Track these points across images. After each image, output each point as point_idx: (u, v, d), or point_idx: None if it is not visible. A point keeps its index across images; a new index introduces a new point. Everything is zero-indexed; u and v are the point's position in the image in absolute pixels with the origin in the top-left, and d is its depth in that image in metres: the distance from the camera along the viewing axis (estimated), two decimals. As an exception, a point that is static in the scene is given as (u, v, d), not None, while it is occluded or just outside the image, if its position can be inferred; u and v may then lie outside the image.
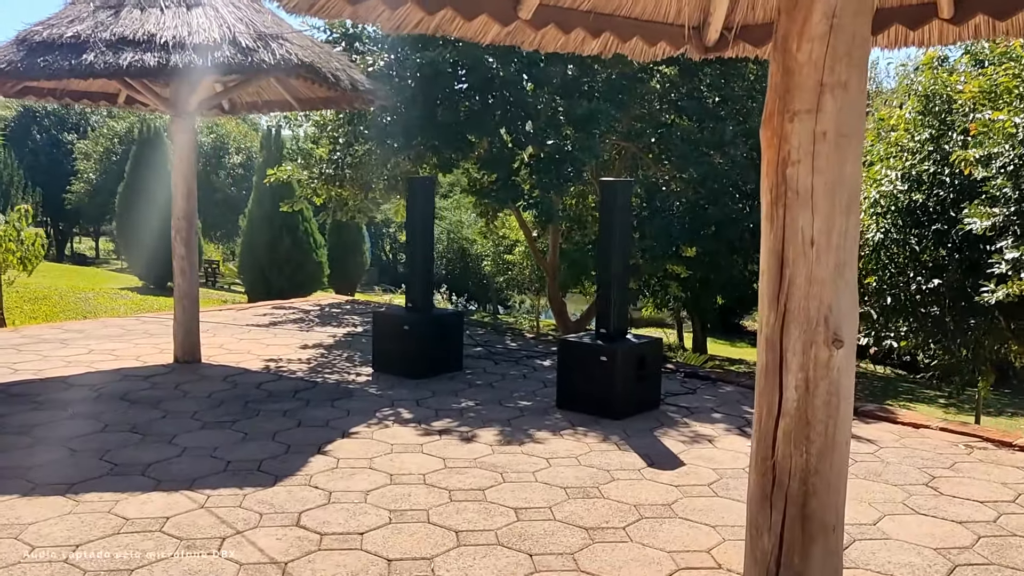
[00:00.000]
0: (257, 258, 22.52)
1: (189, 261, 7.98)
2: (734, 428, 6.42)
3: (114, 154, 35.76)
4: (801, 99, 2.60)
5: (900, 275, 11.21)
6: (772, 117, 2.67)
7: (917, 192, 10.76)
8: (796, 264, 2.62)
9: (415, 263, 7.90)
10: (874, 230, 10.77)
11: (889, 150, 11.34)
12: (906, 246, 10.86)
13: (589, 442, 5.97)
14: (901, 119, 11.01)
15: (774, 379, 2.69)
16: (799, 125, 2.61)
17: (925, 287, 11.61)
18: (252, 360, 8.28)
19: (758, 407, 2.79)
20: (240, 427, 6.06)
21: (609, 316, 6.75)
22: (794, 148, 2.62)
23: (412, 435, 6.02)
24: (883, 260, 10.97)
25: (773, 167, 2.67)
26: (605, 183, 6.72)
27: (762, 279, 2.74)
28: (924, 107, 10.96)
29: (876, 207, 10.99)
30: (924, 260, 11.34)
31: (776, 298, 2.67)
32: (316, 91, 8.86)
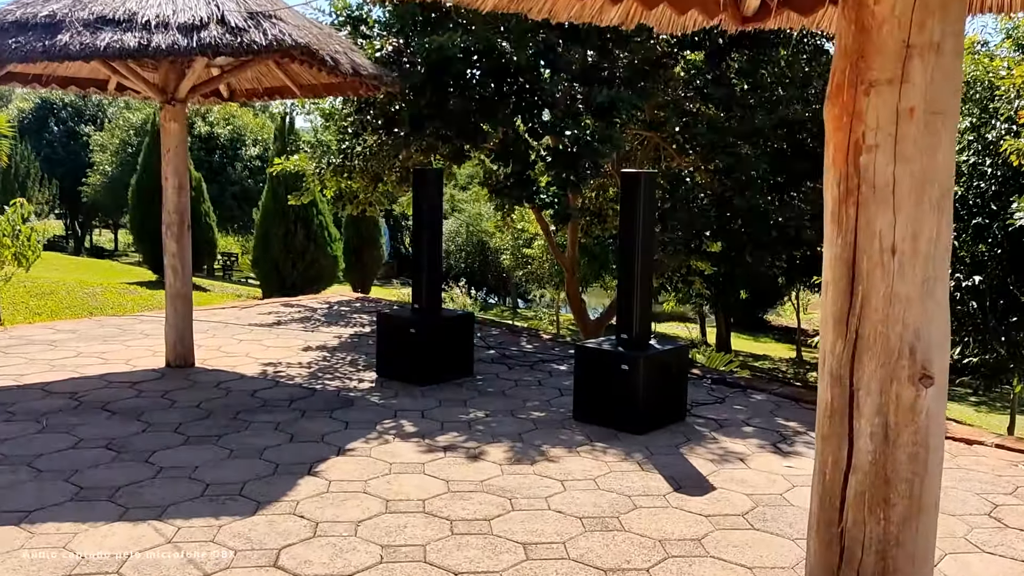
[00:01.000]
0: (271, 252, 22.08)
1: (181, 259, 7.47)
2: (768, 444, 5.83)
3: (130, 146, 35.48)
4: (881, 65, 2.02)
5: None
6: (841, 90, 2.09)
7: (956, 184, 10.10)
8: (872, 278, 2.05)
9: (422, 261, 7.35)
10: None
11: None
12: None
13: (608, 461, 5.40)
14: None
15: (842, 424, 2.12)
16: (877, 99, 2.03)
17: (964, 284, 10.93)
18: (249, 364, 7.78)
19: (821, 457, 2.21)
20: (226, 442, 5.54)
21: (631, 321, 6.17)
22: (871, 129, 2.04)
23: (413, 452, 5.48)
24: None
25: (842, 154, 2.09)
26: (626, 175, 6.14)
27: (825, 295, 2.16)
28: (964, 94, 10.28)
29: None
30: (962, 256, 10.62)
31: (845, 320, 2.10)
32: (318, 77, 8.32)
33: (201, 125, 36.60)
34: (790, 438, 5.99)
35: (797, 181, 9.76)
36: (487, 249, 37.35)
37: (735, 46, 10.22)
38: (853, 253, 2.06)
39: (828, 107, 2.12)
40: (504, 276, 36.45)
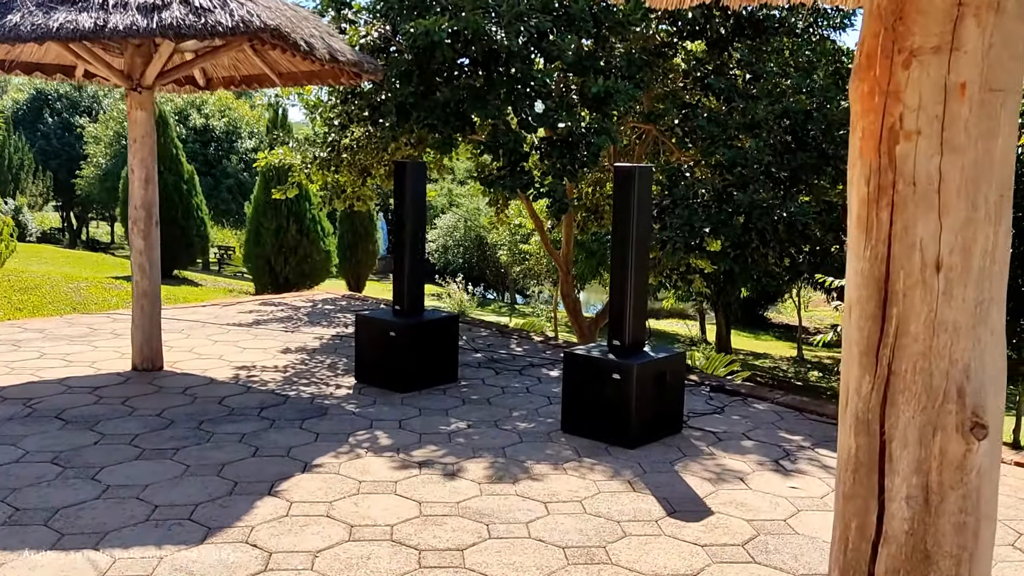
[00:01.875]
0: (263, 247, 21.64)
1: (149, 257, 7.04)
2: (768, 461, 5.40)
3: (124, 138, 34.97)
4: (924, 29, 1.58)
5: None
6: (872, 61, 1.66)
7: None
8: (910, 300, 1.62)
9: (403, 259, 6.92)
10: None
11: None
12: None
13: (597, 479, 4.97)
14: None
15: (869, 482, 1.69)
16: (920, 73, 1.59)
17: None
18: (222, 368, 7.35)
19: (842, 520, 1.78)
20: (184, 456, 5.12)
21: (623, 326, 5.74)
22: (910, 111, 1.60)
23: (386, 468, 5.05)
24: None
25: (873, 142, 1.66)
26: (620, 169, 5.70)
27: (848, 319, 1.73)
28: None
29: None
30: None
31: (874, 352, 1.67)
32: (297, 64, 7.89)
33: (196, 117, 36.13)
34: (793, 454, 5.56)
35: (801, 174, 9.31)
36: (485, 244, 36.93)
37: (737, 35, 9.77)
38: (886, 268, 1.63)
39: (855, 83, 1.69)
40: (502, 272, 36.05)
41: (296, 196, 21.69)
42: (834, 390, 20.63)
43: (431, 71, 8.40)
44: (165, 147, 24.48)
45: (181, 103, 35.98)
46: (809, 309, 32.39)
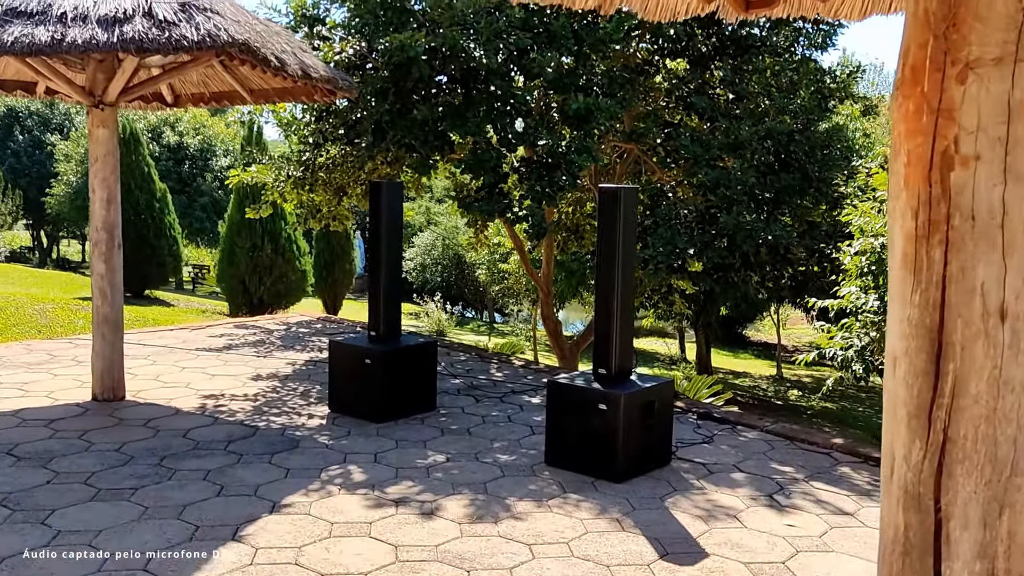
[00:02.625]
0: (237, 266, 21.24)
1: (111, 281, 6.71)
2: (762, 496, 5.16)
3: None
4: (983, 37, 1.35)
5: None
6: (919, 75, 1.42)
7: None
8: (969, 353, 1.38)
9: (379, 283, 6.64)
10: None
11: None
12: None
13: (584, 518, 4.70)
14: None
15: (922, 567, 1.44)
16: (978, 88, 1.36)
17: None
18: (188, 397, 7.02)
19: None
20: (142, 497, 4.79)
21: (610, 353, 5.49)
22: (967, 133, 1.37)
23: (360, 508, 4.76)
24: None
25: (922, 169, 1.42)
26: (604, 191, 5.47)
27: (891, 373, 1.49)
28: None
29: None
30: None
31: (926, 414, 1.42)
32: (269, 81, 7.61)
33: (170, 135, 35.68)
34: (787, 488, 5.32)
35: (785, 196, 9.14)
36: (463, 263, 36.67)
37: (718, 54, 9.62)
38: (940, 316, 1.39)
39: (898, 101, 1.46)
40: (481, 290, 35.78)
41: (271, 215, 21.44)
42: (815, 410, 20.51)
43: (408, 88, 8.17)
44: (137, 165, 24.09)
45: (154, 120, 35.54)
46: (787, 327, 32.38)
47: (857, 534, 4.60)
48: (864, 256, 9.83)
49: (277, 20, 8.77)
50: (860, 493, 5.24)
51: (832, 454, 6.05)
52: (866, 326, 10.09)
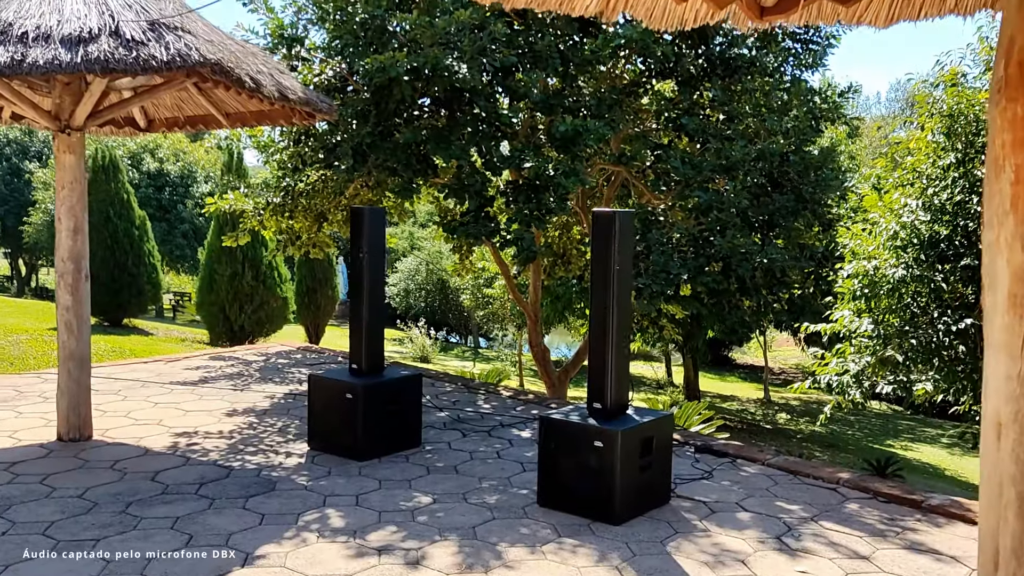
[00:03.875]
0: (217, 293, 20.84)
1: (77, 314, 6.36)
2: (770, 538, 4.85)
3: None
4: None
5: (923, 315, 9.77)
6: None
7: (940, 224, 9.35)
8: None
9: (360, 313, 6.33)
10: (893, 265, 9.34)
11: (905, 177, 9.93)
12: (930, 283, 9.42)
13: (581, 565, 4.38)
14: (922, 141, 9.60)
15: None
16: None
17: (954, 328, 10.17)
18: (160, 435, 6.65)
19: None
20: (104, 548, 4.43)
21: (605, 387, 5.19)
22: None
23: (339, 558, 4.41)
24: (905, 299, 9.53)
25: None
26: (599, 215, 5.20)
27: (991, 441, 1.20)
28: (949, 128, 9.55)
29: (896, 239, 9.55)
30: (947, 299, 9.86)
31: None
32: (245, 104, 7.33)
33: (150, 161, 35.30)
34: (795, 528, 5.02)
35: (778, 218, 8.91)
36: (447, 288, 36.35)
37: (708, 75, 9.42)
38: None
39: (1000, 105, 1.18)
40: (465, 315, 35.45)
41: (251, 242, 21.08)
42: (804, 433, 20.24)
43: (390, 110, 7.90)
44: (116, 193, 23.69)
45: (134, 147, 35.16)
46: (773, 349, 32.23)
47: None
48: (857, 279, 9.62)
49: (254, 42, 8.50)
50: (873, 534, 4.95)
51: (839, 489, 5.75)
52: (860, 350, 9.86)
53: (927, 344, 9.57)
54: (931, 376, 9.98)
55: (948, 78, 9.45)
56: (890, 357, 9.53)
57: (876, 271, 9.45)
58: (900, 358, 9.52)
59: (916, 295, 9.50)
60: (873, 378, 9.84)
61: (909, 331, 9.58)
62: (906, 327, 9.59)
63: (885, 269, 9.35)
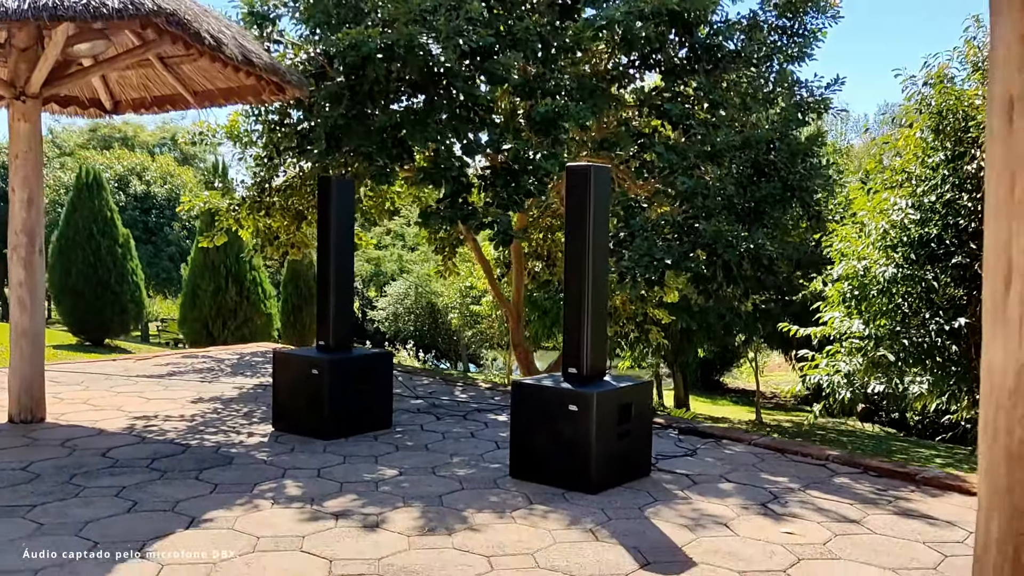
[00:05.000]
0: (200, 309, 20.56)
1: (30, 289, 6.07)
2: (754, 504, 4.56)
3: (59, 205, 33.75)
4: None
5: (915, 315, 9.56)
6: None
7: (930, 224, 9.17)
8: None
9: (328, 290, 6.06)
10: (883, 265, 9.14)
11: (894, 178, 9.77)
12: (921, 282, 9.22)
13: (552, 528, 4.08)
14: (911, 140, 9.44)
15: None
16: None
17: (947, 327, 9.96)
18: (118, 419, 6.33)
19: None
20: (39, 514, 4.11)
21: (581, 351, 4.92)
22: None
23: (292, 521, 4.11)
24: (896, 299, 9.31)
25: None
26: (573, 169, 4.96)
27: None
28: (937, 125, 9.40)
29: (886, 238, 9.36)
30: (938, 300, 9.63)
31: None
32: (214, 80, 7.13)
33: (137, 184, 35.10)
34: (781, 496, 4.73)
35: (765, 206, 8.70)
36: (436, 311, 36.05)
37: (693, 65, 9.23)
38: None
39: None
40: (454, 339, 35.13)
41: (237, 257, 20.83)
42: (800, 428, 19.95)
43: (363, 92, 7.67)
44: (100, 210, 23.44)
45: (121, 170, 35.00)
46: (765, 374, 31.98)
47: (866, 541, 4.01)
48: (847, 281, 9.40)
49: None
50: (864, 501, 4.66)
51: (828, 465, 5.47)
52: (851, 352, 9.62)
53: (919, 344, 9.34)
54: (924, 378, 9.74)
55: (936, 75, 9.32)
56: (882, 358, 9.30)
57: (867, 272, 9.24)
58: (892, 357, 9.28)
59: (907, 295, 9.30)
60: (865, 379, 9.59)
61: (901, 331, 9.36)
62: (897, 327, 9.36)
63: (875, 269, 9.15)
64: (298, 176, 9.86)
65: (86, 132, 45.04)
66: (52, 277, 24.52)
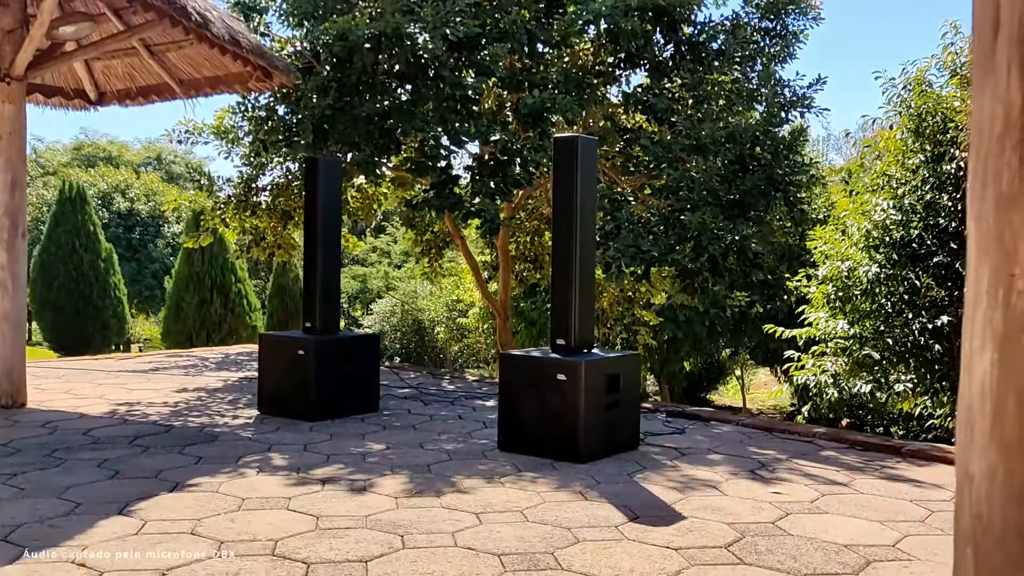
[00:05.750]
0: (184, 321, 20.42)
1: (13, 274, 6.01)
2: (743, 471, 4.55)
3: (42, 223, 33.56)
4: None
5: (898, 315, 9.59)
6: None
7: (911, 226, 9.25)
8: None
9: (314, 271, 6.03)
10: (868, 265, 9.19)
11: (876, 181, 9.85)
12: (904, 282, 9.26)
13: (541, 491, 4.05)
14: (892, 142, 9.53)
15: None
16: None
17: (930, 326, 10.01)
18: (99, 405, 6.26)
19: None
20: (21, 481, 4.05)
21: (569, 322, 4.91)
22: None
23: (278, 486, 4.06)
24: (879, 299, 9.36)
25: None
26: (561, 139, 4.98)
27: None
28: (917, 127, 9.50)
29: (868, 239, 9.42)
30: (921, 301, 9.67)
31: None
32: (201, 68, 7.13)
33: (121, 201, 34.95)
34: (770, 465, 4.72)
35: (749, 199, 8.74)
36: (423, 329, 35.94)
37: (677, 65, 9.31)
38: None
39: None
40: (441, 356, 34.98)
41: (221, 269, 20.75)
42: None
43: (351, 83, 7.69)
44: (83, 224, 23.32)
45: (105, 187, 34.86)
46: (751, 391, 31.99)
47: (853, 499, 4.00)
48: (830, 283, 9.44)
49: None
50: (851, 469, 4.66)
51: (815, 441, 5.47)
52: (835, 353, 9.65)
53: (903, 343, 9.38)
54: (908, 376, 9.77)
55: (916, 79, 9.43)
56: (867, 357, 9.33)
57: (851, 273, 9.29)
58: (877, 356, 9.32)
59: (890, 295, 9.35)
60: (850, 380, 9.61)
61: (885, 331, 9.40)
62: (881, 327, 9.40)
63: (859, 270, 9.21)
64: (284, 176, 9.85)
65: (70, 151, 44.91)
66: (33, 292, 24.32)
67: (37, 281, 23.02)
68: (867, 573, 3.01)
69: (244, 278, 21.26)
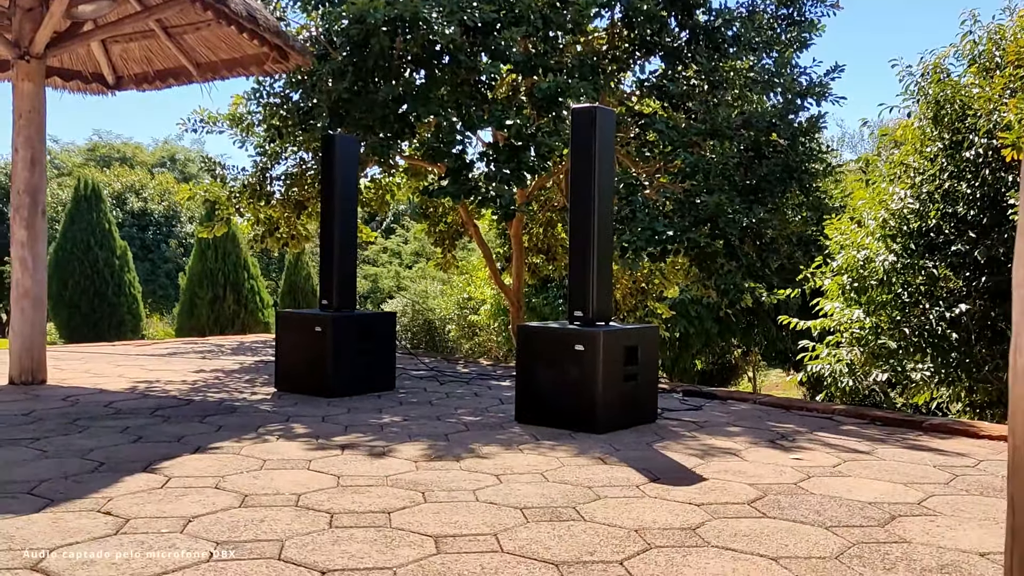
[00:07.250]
0: (197, 318, 20.50)
1: (33, 251, 6.06)
2: (763, 441, 4.53)
3: (57, 222, 33.77)
4: None
5: (915, 304, 9.55)
6: None
7: (930, 215, 9.21)
8: None
9: (331, 249, 6.05)
10: (884, 254, 9.15)
11: (894, 170, 9.81)
12: (922, 271, 9.22)
13: (560, 456, 4.05)
14: (909, 131, 9.50)
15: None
16: None
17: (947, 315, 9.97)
18: (120, 382, 6.30)
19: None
20: (44, 444, 4.08)
21: (587, 294, 4.90)
22: None
23: (299, 450, 4.07)
24: (896, 289, 9.31)
25: None
26: (579, 110, 4.98)
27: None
28: (935, 115, 9.46)
29: (885, 227, 9.38)
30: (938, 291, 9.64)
31: None
32: (218, 51, 7.17)
33: (134, 200, 35.13)
34: (790, 436, 4.70)
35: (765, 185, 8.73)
36: (434, 329, 35.97)
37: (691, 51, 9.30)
38: None
39: None
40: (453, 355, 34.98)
41: (235, 265, 20.84)
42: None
43: (367, 67, 7.71)
44: (98, 222, 23.46)
45: (119, 187, 35.06)
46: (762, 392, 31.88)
47: (876, 465, 3.98)
48: (846, 273, 9.41)
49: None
50: (873, 440, 4.64)
51: (834, 417, 5.45)
52: (851, 342, 9.61)
53: (920, 332, 9.34)
54: (925, 366, 9.73)
55: (934, 66, 9.39)
56: (883, 347, 9.30)
57: (867, 263, 9.25)
58: (894, 345, 9.28)
59: (906, 285, 9.31)
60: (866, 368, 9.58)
61: (901, 320, 9.36)
62: (898, 316, 9.36)
63: (875, 259, 9.18)
64: (298, 165, 9.89)
65: (84, 152, 45.19)
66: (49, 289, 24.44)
67: (53, 278, 23.15)
68: (892, 526, 2.99)
69: (257, 275, 21.33)
